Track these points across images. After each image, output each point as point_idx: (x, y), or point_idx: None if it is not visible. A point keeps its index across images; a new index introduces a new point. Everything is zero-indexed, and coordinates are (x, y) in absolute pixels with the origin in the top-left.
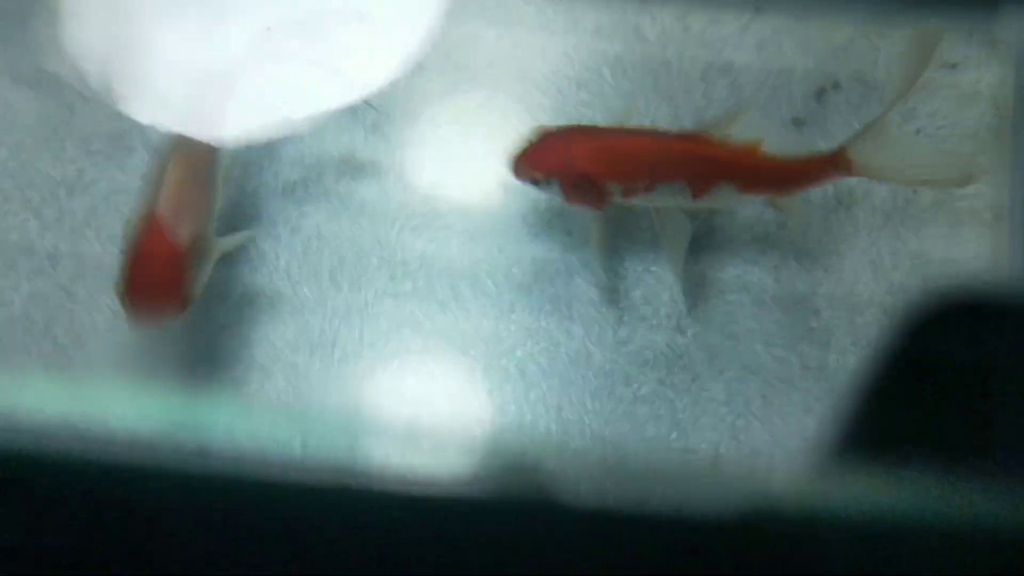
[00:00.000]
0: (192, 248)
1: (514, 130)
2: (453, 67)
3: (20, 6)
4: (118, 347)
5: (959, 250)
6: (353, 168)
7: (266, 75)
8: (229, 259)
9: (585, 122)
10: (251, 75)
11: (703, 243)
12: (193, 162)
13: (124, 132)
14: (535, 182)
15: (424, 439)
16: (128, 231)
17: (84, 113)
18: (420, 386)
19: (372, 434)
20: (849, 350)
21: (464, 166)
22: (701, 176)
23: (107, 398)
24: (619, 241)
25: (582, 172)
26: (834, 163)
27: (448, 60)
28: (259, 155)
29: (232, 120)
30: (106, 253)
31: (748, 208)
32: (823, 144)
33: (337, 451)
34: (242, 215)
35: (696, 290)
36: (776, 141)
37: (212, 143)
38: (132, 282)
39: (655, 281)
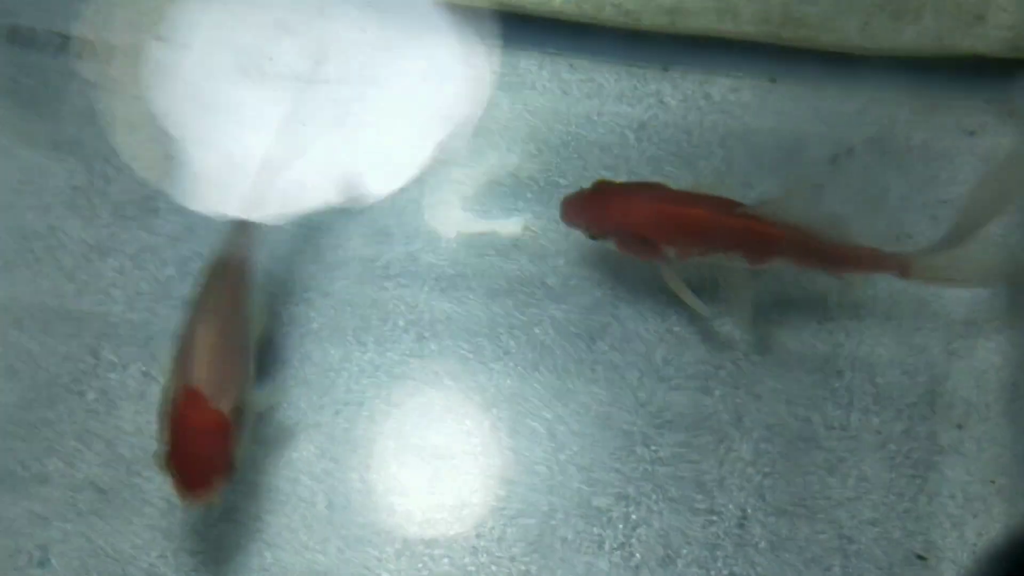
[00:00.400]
0: (233, 414)
1: (535, 193)
2: (474, 132)
3: (64, 78)
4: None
5: (978, 313)
6: (379, 232)
7: (302, 162)
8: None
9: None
10: (286, 163)
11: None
12: (225, 318)
13: (151, 196)
14: (590, 236)
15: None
16: (166, 399)
17: (116, 180)
18: (446, 445)
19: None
20: (871, 409)
21: (486, 229)
22: (757, 251)
23: None
24: (641, 302)
25: (637, 234)
26: (895, 263)
27: (469, 125)
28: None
29: (269, 203)
30: (133, 312)
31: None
32: (839, 208)
33: None
34: (273, 281)
35: (722, 351)
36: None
37: (247, 265)
38: (177, 459)
39: (677, 341)
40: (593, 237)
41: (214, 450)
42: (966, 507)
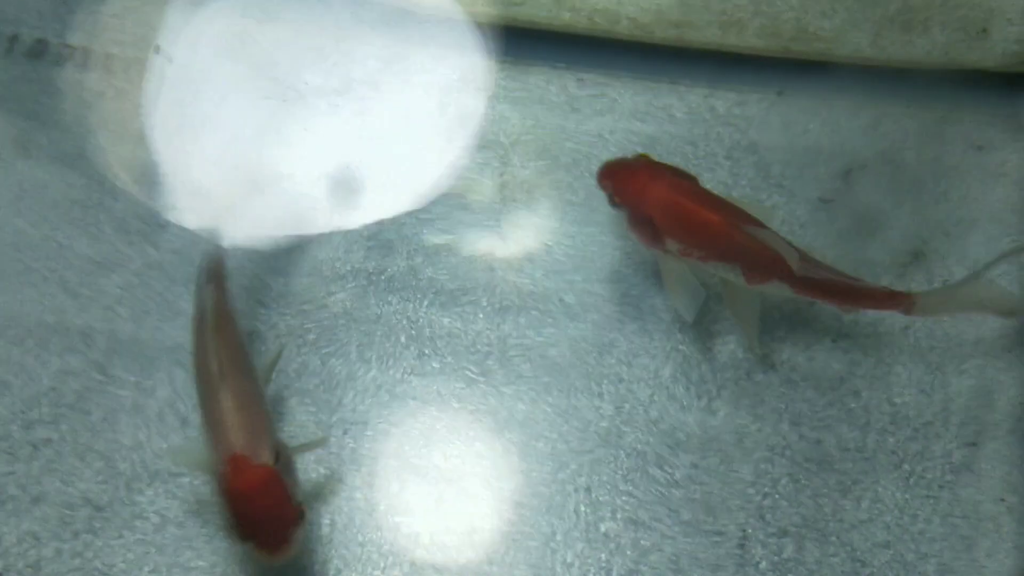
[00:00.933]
0: (279, 460)
1: (546, 207)
2: (482, 146)
3: (65, 89)
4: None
5: (990, 331)
6: (381, 245)
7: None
8: (258, 337)
9: None
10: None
11: (732, 323)
12: (235, 371)
13: (156, 211)
14: (610, 202)
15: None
16: (215, 475)
17: (120, 194)
18: (447, 466)
19: None
20: (888, 430)
21: (493, 243)
22: (757, 269)
23: None
24: (646, 319)
25: (647, 216)
26: (897, 302)
27: (476, 141)
28: (290, 237)
29: (266, 216)
30: (141, 330)
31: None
32: (850, 224)
33: None
34: (271, 294)
35: (725, 370)
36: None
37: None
38: (250, 529)
39: (683, 360)
40: (613, 204)
41: (279, 507)
42: (978, 527)
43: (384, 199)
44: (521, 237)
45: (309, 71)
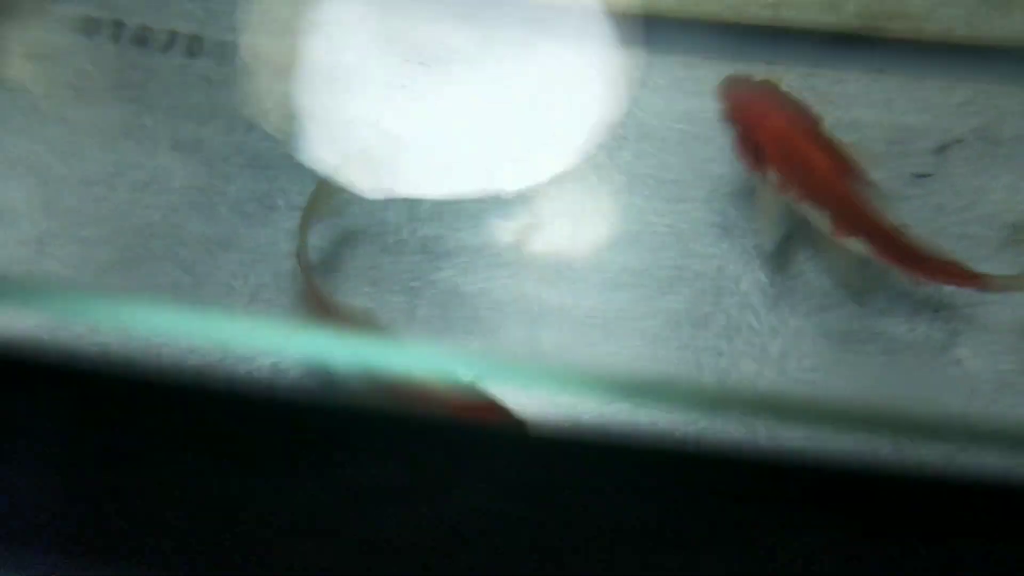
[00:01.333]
0: None
1: (644, 182)
2: (592, 131)
3: (182, 77)
4: None
5: None
6: (498, 217)
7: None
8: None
9: None
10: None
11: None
12: None
13: (270, 193)
14: (723, 116)
15: None
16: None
17: (236, 178)
18: None
19: None
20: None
21: (598, 219)
22: (847, 223)
23: None
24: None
25: (758, 140)
26: (977, 281)
27: (588, 125)
28: (398, 211)
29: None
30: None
31: None
32: (946, 200)
33: None
34: (381, 270)
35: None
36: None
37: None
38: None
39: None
40: (724, 118)
41: None
42: None
43: (494, 178)
44: (627, 217)
45: (451, 37)
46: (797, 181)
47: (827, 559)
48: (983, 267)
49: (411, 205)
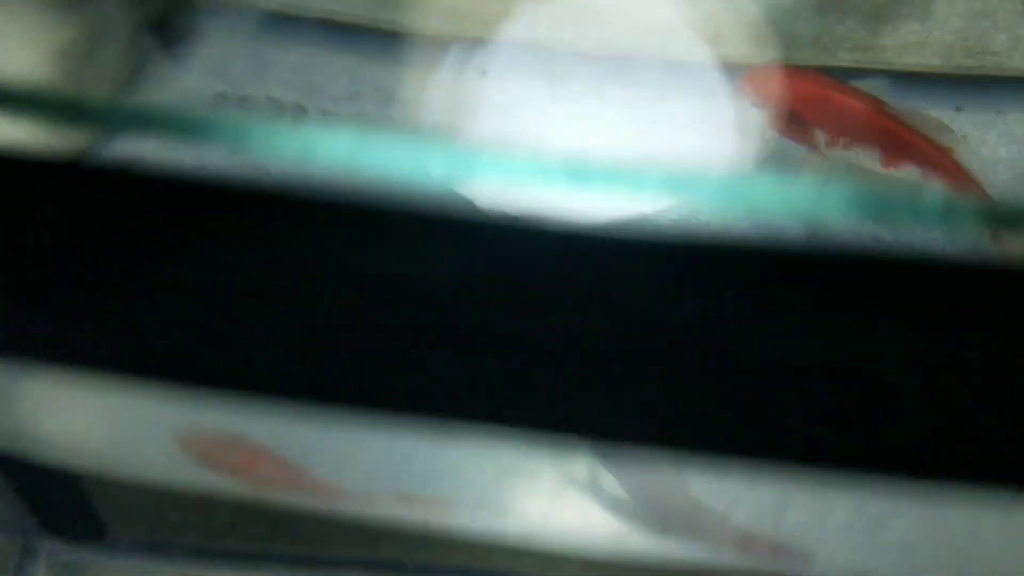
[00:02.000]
0: None
1: None
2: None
3: None
4: None
5: None
6: None
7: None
8: None
9: None
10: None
11: None
12: None
13: None
14: (755, 103)
15: None
16: None
17: None
18: None
19: None
20: None
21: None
22: (894, 152)
23: None
24: None
25: (796, 111)
26: None
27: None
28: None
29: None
30: None
31: None
32: None
33: None
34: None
35: None
36: None
37: None
38: None
39: None
40: (756, 106)
41: None
42: None
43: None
44: None
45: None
46: (844, 131)
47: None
48: None
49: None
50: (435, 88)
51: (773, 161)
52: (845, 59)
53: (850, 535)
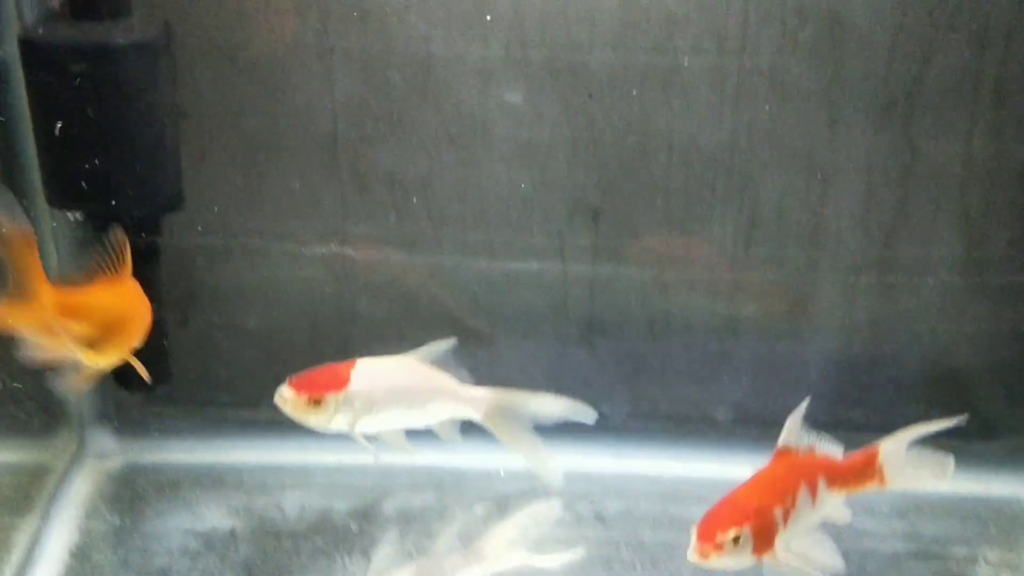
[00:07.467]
0: None
1: None
2: None
3: None
4: None
5: None
6: None
7: None
8: None
9: None
10: None
11: None
12: None
13: None
14: (734, 540)
15: None
16: None
17: None
18: None
19: None
20: None
21: None
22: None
23: None
24: None
25: (758, 510)
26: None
27: None
28: None
29: None
30: None
31: None
32: None
33: None
34: None
35: None
36: None
37: None
38: None
39: None
40: (735, 542)
41: None
42: None
43: None
44: None
45: None
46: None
47: None
48: None
49: None
50: None
51: None
52: None
53: None
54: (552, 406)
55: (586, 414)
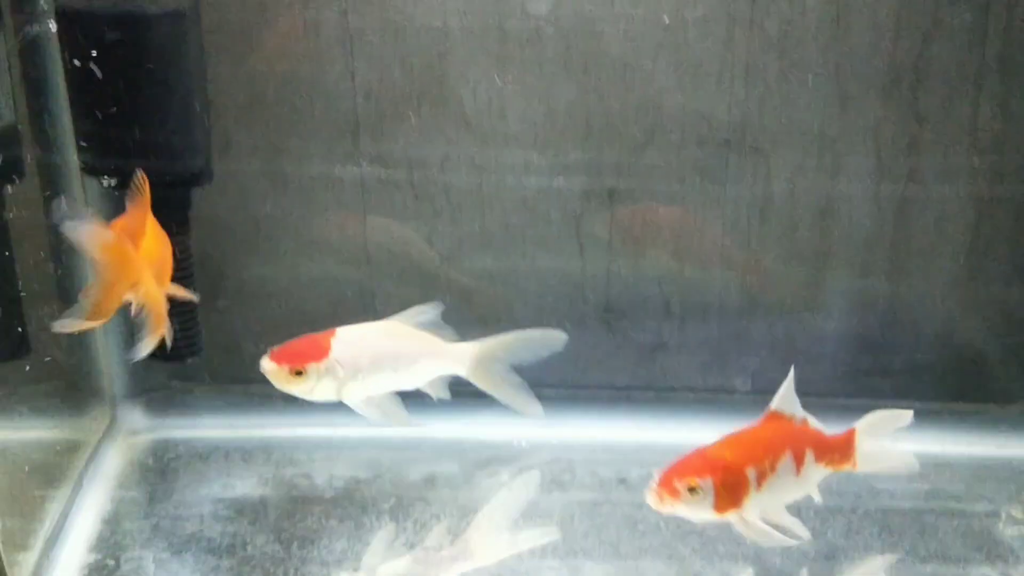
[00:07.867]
0: None
1: None
2: None
3: None
4: None
5: None
6: None
7: None
8: None
9: None
10: None
11: None
12: None
13: None
14: (690, 490)
15: None
16: None
17: None
18: None
19: None
20: None
21: None
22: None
23: None
24: None
25: (728, 466)
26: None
27: None
28: None
29: None
30: None
31: None
32: None
33: None
34: None
35: None
36: None
37: None
38: None
39: None
40: (693, 491)
41: None
42: None
43: None
44: None
45: None
46: (764, 458)
47: None
48: None
49: None
50: None
51: None
52: None
53: None
54: (527, 339)
55: (558, 339)
